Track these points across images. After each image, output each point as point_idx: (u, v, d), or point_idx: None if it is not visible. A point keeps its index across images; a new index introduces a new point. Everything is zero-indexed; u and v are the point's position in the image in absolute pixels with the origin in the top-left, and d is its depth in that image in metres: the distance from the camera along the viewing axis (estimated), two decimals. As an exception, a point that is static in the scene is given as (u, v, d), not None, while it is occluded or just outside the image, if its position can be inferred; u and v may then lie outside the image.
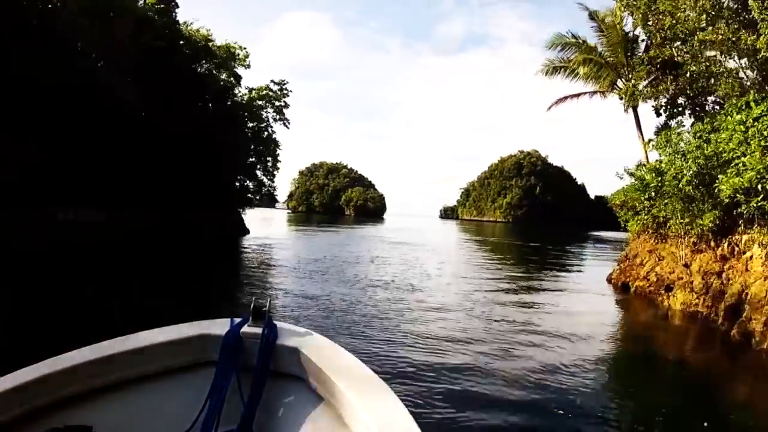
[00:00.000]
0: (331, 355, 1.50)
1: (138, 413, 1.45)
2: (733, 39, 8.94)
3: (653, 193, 10.12)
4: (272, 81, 27.25)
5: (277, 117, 27.55)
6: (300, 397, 1.50)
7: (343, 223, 60.97)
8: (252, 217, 29.94)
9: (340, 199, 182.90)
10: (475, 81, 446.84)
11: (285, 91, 27.50)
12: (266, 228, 32.92)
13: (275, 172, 28.45)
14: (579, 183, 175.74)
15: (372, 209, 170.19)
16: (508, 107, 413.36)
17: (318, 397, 1.46)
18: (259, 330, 1.53)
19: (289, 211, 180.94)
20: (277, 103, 27.40)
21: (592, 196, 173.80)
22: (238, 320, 1.59)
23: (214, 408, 1.44)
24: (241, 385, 1.47)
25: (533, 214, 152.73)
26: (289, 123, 27.92)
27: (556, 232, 61.87)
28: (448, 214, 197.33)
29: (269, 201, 32.85)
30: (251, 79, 31.93)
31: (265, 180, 28.14)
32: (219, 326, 1.59)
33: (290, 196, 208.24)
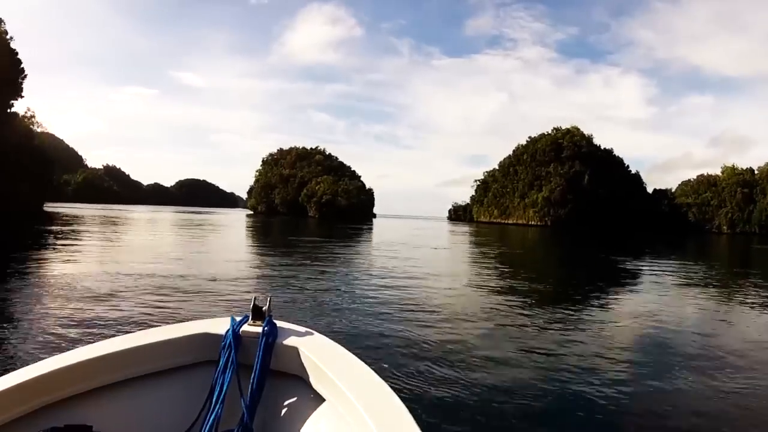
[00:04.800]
0: (332, 354, 1.93)
1: (138, 412, 1.88)
2: None
3: None
4: None
5: None
6: (300, 397, 1.92)
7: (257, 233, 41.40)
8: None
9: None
10: (488, 82, 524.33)
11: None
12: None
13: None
14: (633, 172, 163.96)
15: (344, 207, 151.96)
16: (522, 109, 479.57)
17: (318, 397, 1.87)
18: (259, 329, 1.97)
19: (251, 212, 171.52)
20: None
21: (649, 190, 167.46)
22: (238, 319, 2.05)
23: (214, 407, 1.84)
24: (241, 384, 1.88)
25: (580, 214, 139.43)
26: None
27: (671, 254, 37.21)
28: (459, 214, 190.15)
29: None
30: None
31: None
32: (219, 325, 2.05)
33: (249, 192, 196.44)
